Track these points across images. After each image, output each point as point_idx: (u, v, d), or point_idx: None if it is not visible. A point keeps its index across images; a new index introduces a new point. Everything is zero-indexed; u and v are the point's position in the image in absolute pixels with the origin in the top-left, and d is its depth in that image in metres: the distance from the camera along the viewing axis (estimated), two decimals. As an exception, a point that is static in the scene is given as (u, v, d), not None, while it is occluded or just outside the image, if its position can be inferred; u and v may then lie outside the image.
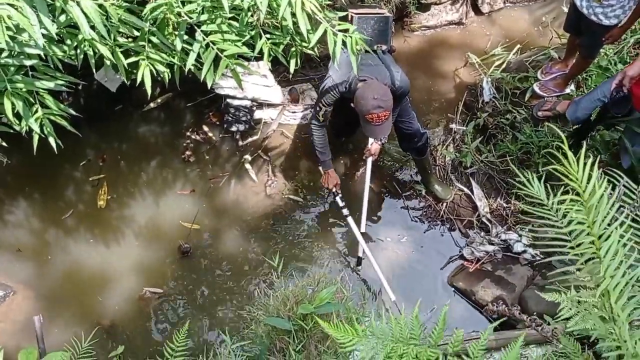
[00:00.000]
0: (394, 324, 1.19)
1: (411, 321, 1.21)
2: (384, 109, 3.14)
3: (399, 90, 3.33)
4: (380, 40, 3.48)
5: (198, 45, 2.46)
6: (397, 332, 1.13)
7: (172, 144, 4.46)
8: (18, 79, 2.22)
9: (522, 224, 3.96)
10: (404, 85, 3.36)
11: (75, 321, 3.70)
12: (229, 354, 2.16)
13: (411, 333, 1.17)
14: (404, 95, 3.43)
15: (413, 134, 3.79)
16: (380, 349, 1.09)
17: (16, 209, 4.16)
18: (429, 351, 1.13)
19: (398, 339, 1.11)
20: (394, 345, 1.10)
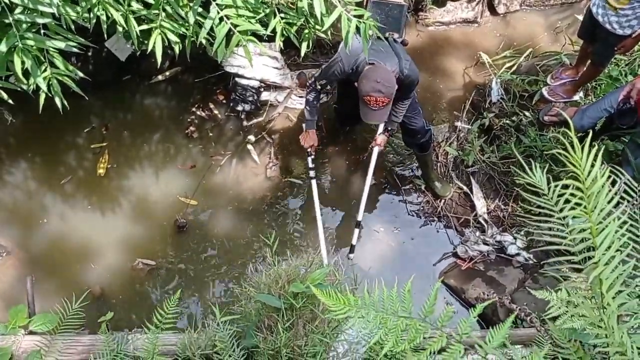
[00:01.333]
0: (385, 296, 1.20)
1: (403, 295, 1.22)
2: (383, 95, 3.11)
3: (406, 79, 3.31)
4: (393, 29, 3.46)
5: (213, 15, 2.45)
6: (389, 304, 1.14)
7: (176, 119, 4.46)
8: (30, 36, 2.21)
9: (517, 227, 3.97)
10: (412, 75, 3.34)
11: (66, 286, 3.70)
12: (218, 326, 2.17)
13: (402, 306, 1.18)
14: (411, 85, 3.41)
15: (417, 131, 3.79)
16: (371, 320, 1.10)
17: (16, 170, 4.17)
18: (419, 324, 1.14)
19: (389, 311, 1.13)
20: (384, 316, 1.11)
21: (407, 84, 3.36)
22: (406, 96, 3.48)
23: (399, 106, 3.54)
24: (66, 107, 2.44)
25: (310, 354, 1.98)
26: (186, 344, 2.31)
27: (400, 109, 3.55)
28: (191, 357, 2.32)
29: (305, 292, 2.08)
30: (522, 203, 3.89)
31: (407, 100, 3.52)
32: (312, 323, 2.08)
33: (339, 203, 4.13)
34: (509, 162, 4.07)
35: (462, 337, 1.16)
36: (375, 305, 1.17)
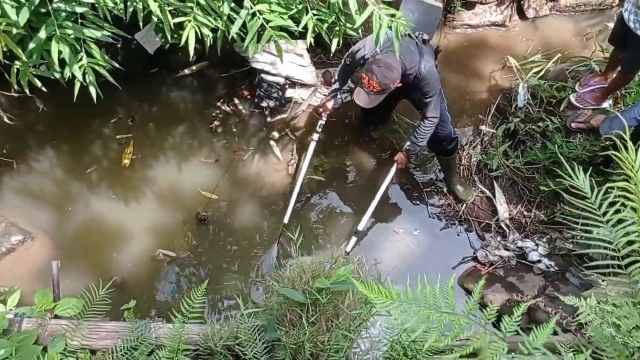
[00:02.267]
0: (428, 291, 1.20)
1: (446, 291, 1.22)
2: (377, 80, 3.11)
3: (423, 80, 3.28)
4: (425, 29, 3.44)
5: (245, 12, 2.47)
6: (431, 299, 1.14)
7: (201, 113, 4.49)
8: (68, 25, 2.26)
9: (540, 233, 3.94)
10: (429, 77, 3.29)
11: (88, 273, 3.77)
12: (241, 316, 2.19)
13: (445, 302, 1.18)
14: (427, 88, 3.34)
15: (444, 138, 3.77)
16: (413, 314, 1.10)
17: (43, 157, 4.23)
18: (463, 320, 1.14)
19: (432, 305, 1.13)
20: (426, 311, 1.11)
21: (422, 85, 3.33)
22: (421, 99, 3.43)
23: (421, 128, 3.51)
24: (100, 97, 2.48)
25: (334, 350, 1.99)
26: (208, 335, 2.33)
27: (422, 131, 3.52)
28: (213, 348, 2.34)
29: (330, 288, 2.08)
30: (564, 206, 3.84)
31: (430, 119, 3.47)
32: (335, 319, 2.09)
33: (356, 200, 4.12)
34: (534, 168, 4.04)
35: (505, 335, 1.15)
36: (418, 300, 1.17)
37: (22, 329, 2.59)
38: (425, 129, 3.51)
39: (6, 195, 4.06)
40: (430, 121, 3.48)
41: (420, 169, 4.33)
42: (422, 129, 3.52)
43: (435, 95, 3.40)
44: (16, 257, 3.85)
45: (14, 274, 3.75)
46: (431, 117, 3.47)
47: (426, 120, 3.49)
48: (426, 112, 3.46)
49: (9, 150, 4.04)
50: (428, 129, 3.52)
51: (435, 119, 3.48)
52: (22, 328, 2.59)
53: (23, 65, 2.54)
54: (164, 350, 2.20)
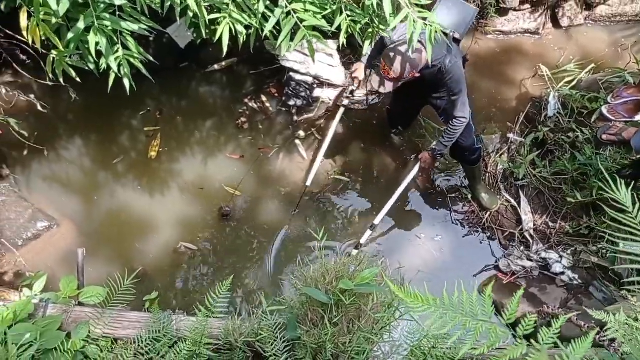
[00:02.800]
0: (465, 298, 1.19)
1: (483, 299, 1.21)
2: (391, 67, 3.06)
3: (447, 74, 3.21)
4: (456, 28, 3.39)
5: (280, 11, 2.48)
6: (468, 306, 1.14)
7: (228, 109, 4.52)
8: (106, 16, 2.29)
9: (564, 245, 3.88)
10: (453, 73, 3.21)
11: (111, 262, 3.82)
12: (263, 313, 2.20)
13: (482, 310, 1.17)
14: (451, 84, 3.26)
15: (467, 148, 3.72)
16: (449, 321, 1.09)
17: (72, 146, 4.30)
18: (499, 330, 1.13)
19: (468, 313, 1.12)
20: (463, 318, 1.10)
21: (447, 80, 3.25)
22: (449, 97, 3.38)
23: (450, 128, 3.43)
24: (133, 89, 2.51)
25: (354, 352, 1.99)
26: (229, 330, 2.34)
27: (450, 131, 3.44)
28: (233, 343, 2.35)
29: (353, 290, 2.08)
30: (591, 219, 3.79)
31: (458, 119, 3.38)
32: (357, 321, 2.09)
33: (378, 199, 4.10)
34: (561, 179, 3.98)
35: (544, 347, 1.14)
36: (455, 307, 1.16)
37: (47, 315, 2.63)
38: (454, 129, 3.42)
39: (34, 182, 4.13)
40: (459, 121, 3.38)
41: (445, 175, 4.30)
42: (451, 129, 3.43)
43: (461, 92, 3.31)
44: (41, 242, 3.91)
45: (39, 260, 3.82)
46: (460, 117, 3.37)
47: (455, 120, 3.39)
48: (454, 112, 3.37)
49: (40, 137, 4.10)
50: (457, 129, 3.42)
51: (465, 119, 3.39)
52: (47, 313, 2.63)
53: (59, 54, 2.58)
54: (186, 343, 2.22)
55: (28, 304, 2.58)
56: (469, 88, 4.57)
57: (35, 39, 2.41)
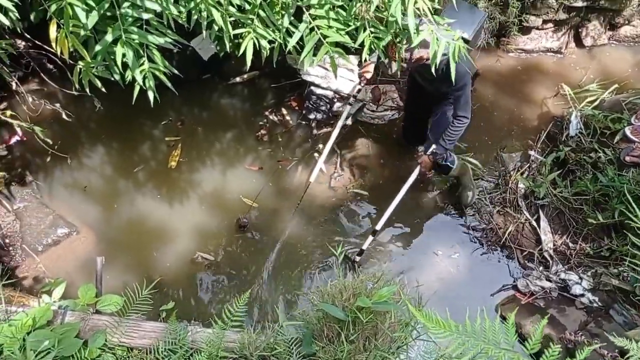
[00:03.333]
0: (488, 326, 1.18)
1: (507, 328, 1.20)
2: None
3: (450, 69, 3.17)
4: (465, 28, 3.36)
5: (304, 26, 2.50)
6: (491, 335, 1.12)
7: (249, 121, 4.56)
8: (133, 30, 2.33)
9: (585, 267, 3.83)
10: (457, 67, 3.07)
11: (128, 270, 3.85)
12: (280, 327, 2.20)
13: (505, 339, 1.16)
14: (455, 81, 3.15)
15: (444, 167, 3.81)
16: (471, 348, 1.08)
17: (93, 154, 4.37)
18: (522, 358, 1.11)
19: (491, 341, 1.11)
20: (485, 346, 1.09)
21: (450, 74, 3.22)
22: (451, 94, 3.37)
23: (451, 129, 3.41)
24: (157, 101, 2.54)
25: (371, 370, 1.97)
26: (245, 343, 2.34)
27: (451, 132, 3.42)
28: (248, 357, 2.35)
29: (371, 307, 2.07)
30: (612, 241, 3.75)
31: (459, 118, 3.35)
32: (376, 339, 2.07)
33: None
34: (582, 199, 3.93)
35: None
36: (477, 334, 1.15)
37: (65, 322, 2.65)
38: (455, 129, 3.40)
39: (56, 189, 4.20)
40: (459, 121, 3.36)
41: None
42: (452, 129, 3.40)
43: (465, 87, 3.28)
44: (61, 249, 3.97)
45: (57, 266, 3.86)
46: (461, 116, 3.34)
47: (456, 120, 3.37)
48: (457, 109, 3.35)
49: (63, 145, 4.17)
50: (458, 129, 3.40)
51: (466, 120, 3.36)
52: (65, 320, 2.65)
53: (86, 65, 2.63)
54: (201, 355, 2.23)
55: (47, 311, 2.60)
56: (490, 105, 4.59)
57: (63, 49, 2.45)
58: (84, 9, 2.26)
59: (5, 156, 4.24)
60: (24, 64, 4.26)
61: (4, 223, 4.00)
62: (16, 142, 4.21)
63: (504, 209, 4.12)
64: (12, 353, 2.32)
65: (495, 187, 4.25)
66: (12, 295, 2.99)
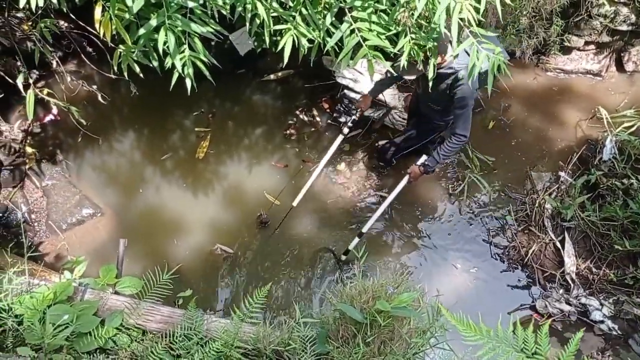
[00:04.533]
0: (520, 334, 1.17)
1: (540, 337, 1.18)
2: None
3: (456, 84, 3.19)
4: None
5: (346, 26, 2.50)
6: (522, 342, 1.11)
7: (279, 118, 4.58)
8: (177, 17, 2.35)
9: (607, 293, 3.76)
10: (464, 85, 3.16)
11: (147, 256, 3.89)
12: (296, 324, 2.20)
13: (537, 348, 1.14)
14: (458, 93, 3.22)
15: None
16: (502, 354, 1.07)
17: (124, 139, 4.43)
18: None
19: (522, 349, 1.09)
20: (517, 354, 1.08)
21: (456, 90, 3.22)
22: (452, 109, 3.33)
23: (447, 144, 3.37)
24: (194, 89, 2.56)
25: (385, 374, 1.96)
26: (260, 337, 2.34)
27: (447, 147, 3.38)
28: (262, 350, 2.35)
29: (390, 311, 2.05)
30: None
31: (458, 136, 3.31)
32: (392, 344, 2.06)
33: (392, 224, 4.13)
34: (610, 225, 3.86)
35: None
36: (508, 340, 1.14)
37: (84, 299, 2.69)
38: (451, 145, 3.37)
39: (85, 169, 4.27)
40: (457, 138, 3.33)
41: (487, 209, 4.23)
42: (448, 145, 3.38)
43: (467, 108, 3.25)
44: (84, 229, 4.03)
45: (79, 245, 3.93)
46: (460, 134, 3.32)
47: (454, 137, 3.34)
48: (456, 127, 3.32)
49: (95, 127, 4.24)
50: (455, 146, 3.37)
51: (464, 138, 3.34)
52: (85, 298, 2.69)
53: (126, 49, 2.66)
54: (217, 343, 2.23)
55: (68, 286, 2.64)
56: (523, 123, 4.54)
57: (106, 32, 2.48)
58: (131, -7, 2.29)
59: (38, 133, 4.33)
60: (65, 44, 4.35)
61: (32, 199, 4.09)
62: (50, 120, 4.29)
63: (529, 228, 4.07)
64: (32, 324, 2.35)
65: (521, 205, 4.19)
66: (35, 269, 3.03)
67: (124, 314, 2.62)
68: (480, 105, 4.59)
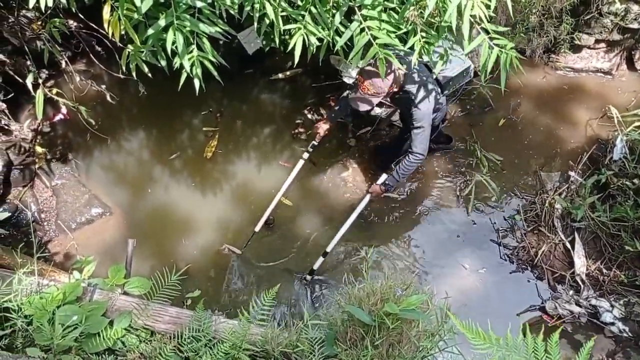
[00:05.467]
0: (529, 342, 1.15)
1: (550, 346, 1.17)
2: (372, 84, 3.10)
3: (413, 105, 3.25)
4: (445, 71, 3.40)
5: (356, 25, 2.49)
6: (531, 352, 1.09)
7: (287, 118, 4.57)
8: (186, 17, 2.35)
9: (617, 294, 3.72)
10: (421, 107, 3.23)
11: (155, 255, 3.90)
12: (305, 326, 2.19)
13: (547, 356, 1.12)
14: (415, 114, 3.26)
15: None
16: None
17: (133, 138, 4.44)
18: None
19: (532, 357, 1.08)
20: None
21: (413, 111, 3.26)
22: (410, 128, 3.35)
23: (405, 163, 3.40)
24: (203, 89, 2.56)
25: (394, 377, 1.95)
26: (268, 338, 2.33)
27: (405, 166, 3.41)
28: (270, 352, 2.34)
29: (398, 314, 2.04)
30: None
31: (415, 154, 3.36)
32: (400, 347, 2.04)
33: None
34: (621, 226, 3.81)
35: None
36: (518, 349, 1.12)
37: (93, 299, 2.68)
38: (409, 164, 3.40)
39: (94, 169, 4.28)
40: (415, 156, 3.36)
41: (497, 209, 4.20)
42: (406, 164, 3.40)
43: (423, 129, 3.29)
44: (93, 228, 4.04)
45: (88, 244, 3.94)
46: (417, 153, 3.35)
47: (411, 155, 3.37)
48: (413, 145, 3.35)
49: (105, 127, 4.25)
50: (412, 165, 3.40)
51: (422, 157, 3.36)
52: (94, 298, 2.69)
53: (135, 49, 2.66)
54: (225, 345, 2.23)
55: (77, 287, 2.64)
56: (532, 122, 4.50)
57: (115, 32, 2.49)
58: (140, -8, 2.29)
59: (47, 133, 4.34)
60: (74, 44, 4.36)
61: (42, 198, 4.10)
62: (59, 120, 4.31)
63: (538, 228, 4.03)
64: (41, 324, 2.36)
65: (530, 205, 4.16)
66: (44, 269, 3.04)
67: (133, 314, 2.62)
68: (490, 105, 4.55)
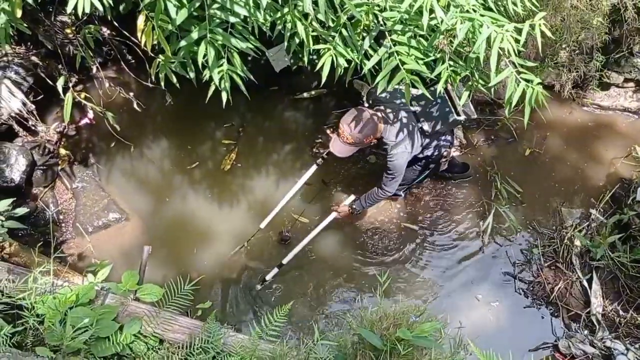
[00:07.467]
0: None
1: None
2: (349, 130, 3.26)
3: (388, 157, 3.39)
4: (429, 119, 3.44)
5: (384, 50, 2.51)
6: None
7: (308, 136, 4.59)
8: (218, 31, 2.39)
9: (633, 338, 3.64)
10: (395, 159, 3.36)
11: (168, 264, 3.92)
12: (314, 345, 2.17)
13: None
14: (389, 162, 3.40)
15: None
16: None
17: (155, 146, 4.49)
18: None
19: None
20: None
21: (388, 159, 3.40)
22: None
23: (374, 193, 3.60)
24: (230, 102, 2.59)
25: (403, 406, 1.92)
26: (277, 355, 2.32)
27: (373, 196, 3.62)
28: (278, 370, 2.33)
29: (411, 340, 2.02)
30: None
31: (384, 190, 3.54)
32: (410, 374, 2.02)
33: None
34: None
35: None
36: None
37: (105, 303, 2.70)
38: (376, 196, 3.61)
39: (115, 174, 4.33)
40: (383, 191, 3.56)
41: (514, 241, 4.15)
42: (375, 195, 3.61)
43: (394, 177, 3.46)
44: (109, 233, 4.08)
45: (103, 249, 3.97)
46: (386, 189, 3.54)
47: (380, 190, 3.57)
48: (383, 183, 3.53)
49: (129, 133, 4.30)
50: (379, 197, 3.61)
51: (388, 194, 3.57)
52: (106, 302, 2.70)
53: (165, 60, 2.71)
54: (233, 358, 2.22)
55: (90, 290, 2.65)
56: (556, 158, 4.48)
57: (147, 41, 2.53)
58: (176, 5, 2.33)
59: (72, 136, 4.41)
60: (105, 50, 4.45)
61: (61, 199, 4.16)
62: (85, 124, 4.37)
63: (556, 265, 3.98)
64: (52, 324, 2.37)
65: (549, 240, 4.11)
66: (60, 270, 3.07)
67: (143, 321, 2.62)
68: (513, 136, 4.54)
